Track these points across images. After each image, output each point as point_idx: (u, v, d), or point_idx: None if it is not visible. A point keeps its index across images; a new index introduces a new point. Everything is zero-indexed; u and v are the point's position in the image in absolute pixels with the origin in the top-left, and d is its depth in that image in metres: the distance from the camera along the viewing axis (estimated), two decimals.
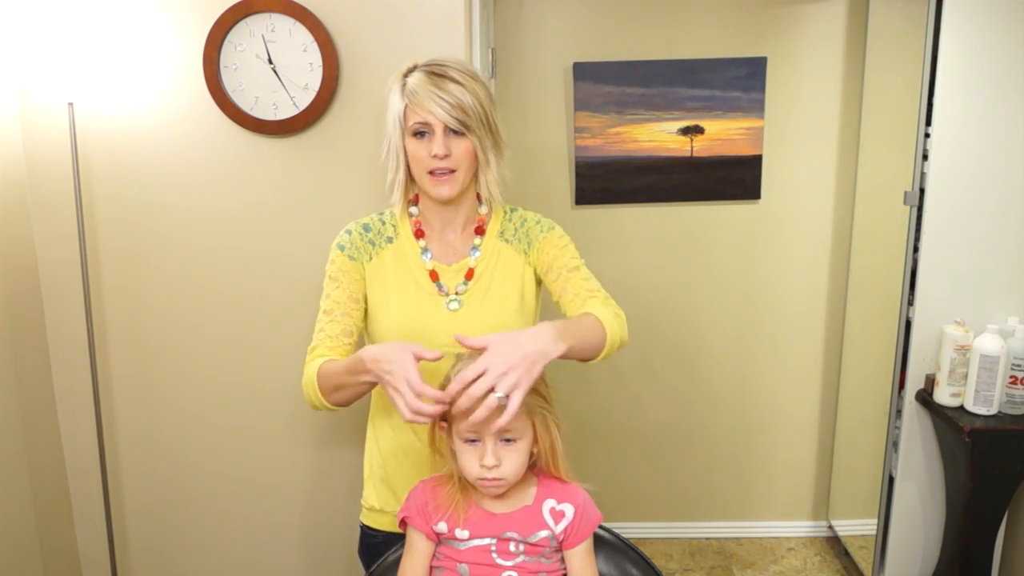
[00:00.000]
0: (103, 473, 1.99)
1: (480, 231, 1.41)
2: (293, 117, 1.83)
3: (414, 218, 1.41)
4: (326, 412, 1.33)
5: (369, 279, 1.38)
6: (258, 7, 1.78)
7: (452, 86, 1.27)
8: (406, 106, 1.29)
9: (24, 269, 1.92)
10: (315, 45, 1.79)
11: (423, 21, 1.82)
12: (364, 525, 1.48)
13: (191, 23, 1.82)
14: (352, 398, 1.27)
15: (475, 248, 1.40)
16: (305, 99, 1.83)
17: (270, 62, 1.81)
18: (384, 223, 1.42)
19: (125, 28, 1.84)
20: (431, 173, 1.31)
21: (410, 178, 1.37)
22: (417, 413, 1.06)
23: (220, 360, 1.99)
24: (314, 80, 1.81)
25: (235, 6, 1.78)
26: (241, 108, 1.83)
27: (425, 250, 1.39)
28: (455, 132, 1.29)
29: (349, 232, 1.40)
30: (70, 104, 1.81)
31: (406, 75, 1.32)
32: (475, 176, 1.36)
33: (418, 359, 1.10)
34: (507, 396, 1.03)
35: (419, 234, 1.40)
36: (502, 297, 1.38)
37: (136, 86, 1.86)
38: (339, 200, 1.89)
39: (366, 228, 1.41)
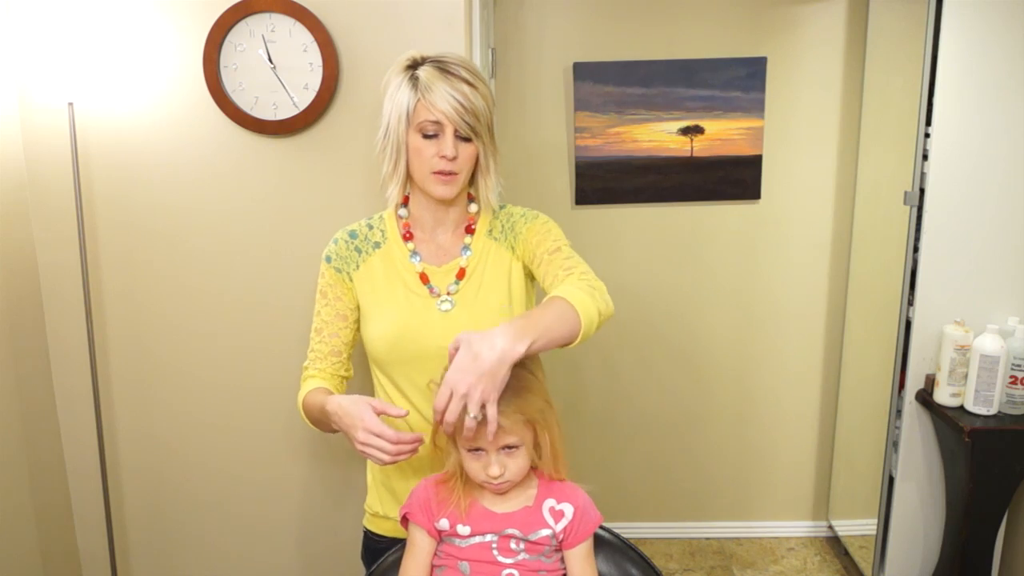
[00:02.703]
0: (103, 473, 1.99)
1: (470, 230, 1.40)
2: (293, 117, 1.83)
3: (403, 220, 1.40)
4: None
5: (359, 287, 1.38)
6: (258, 7, 1.78)
7: (465, 87, 1.25)
8: (418, 102, 1.26)
9: (24, 269, 1.91)
10: (315, 45, 1.79)
11: (423, 21, 1.82)
12: (368, 530, 1.48)
13: (191, 23, 1.82)
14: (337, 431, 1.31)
15: (466, 248, 1.39)
16: (305, 99, 1.82)
17: (270, 62, 1.81)
18: (372, 228, 1.40)
19: (125, 28, 1.83)
20: (436, 173, 1.29)
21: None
22: (396, 453, 1.15)
23: (220, 360, 1.99)
24: (314, 80, 1.81)
25: (235, 6, 1.78)
26: (241, 108, 1.83)
27: (414, 253, 1.38)
28: (462, 138, 1.28)
29: (336, 241, 1.40)
30: (70, 104, 1.81)
31: (411, 67, 1.29)
32: (471, 178, 1.37)
33: (379, 413, 1.18)
34: (482, 411, 1.04)
35: (408, 236, 1.39)
36: (494, 295, 1.37)
37: (136, 86, 1.86)
38: (339, 200, 1.89)
39: (352, 235, 1.40)
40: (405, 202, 1.40)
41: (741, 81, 2.53)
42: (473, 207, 1.41)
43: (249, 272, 1.94)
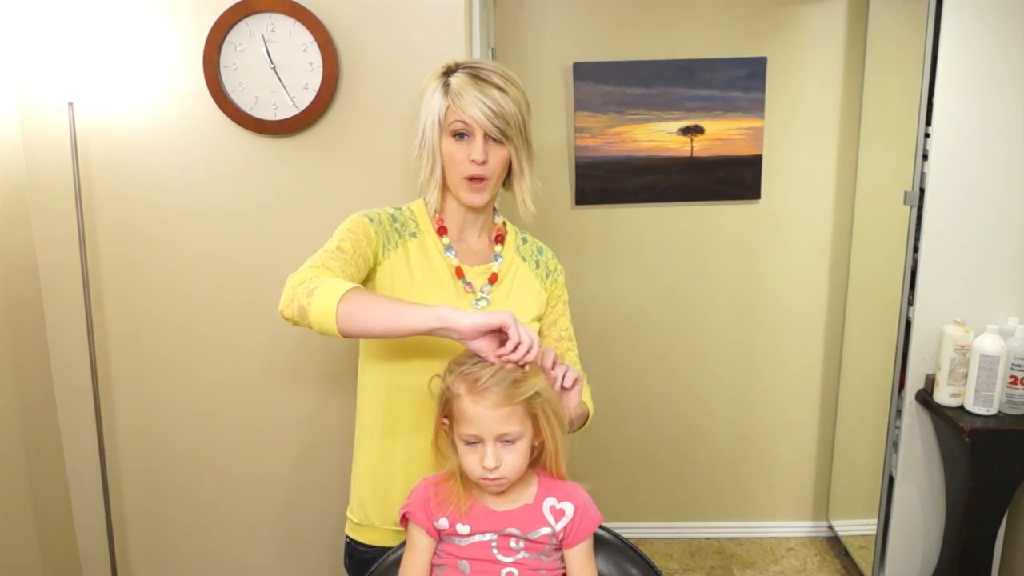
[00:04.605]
0: (103, 473, 1.99)
1: (500, 239, 1.43)
2: (293, 117, 1.83)
3: (436, 215, 1.39)
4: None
5: (394, 269, 1.33)
6: (258, 7, 1.78)
7: (495, 92, 1.27)
8: (448, 107, 1.29)
9: (24, 269, 1.91)
10: (315, 45, 1.79)
11: (423, 21, 1.82)
12: (351, 539, 1.41)
13: (191, 23, 1.82)
14: (371, 335, 1.19)
15: (497, 255, 1.41)
16: (305, 99, 1.82)
17: (270, 62, 1.81)
18: (406, 217, 1.39)
19: (125, 28, 1.84)
20: (468, 179, 1.31)
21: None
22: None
23: (220, 361, 1.99)
24: (314, 80, 1.81)
25: (235, 6, 1.78)
26: (241, 108, 1.83)
27: (448, 247, 1.37)
28: (494, 140, 1.29)
29: (378, 213, 1.36)
30: (70, 104, 1.81)
31: (445, 74, 1.31)
32: (503, 184, 1.38)
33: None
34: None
35: (442, 231, 1.38)
36: (522, 306, 1.38)
37: (136, 86, 1.86)
38: (339, 200, 1.89)
39: (393, 217, 1.37)
40: None
41: (741, 81, 2.53)
42: (499, 219, 1.44)
43: (249, 271, 1.94)
